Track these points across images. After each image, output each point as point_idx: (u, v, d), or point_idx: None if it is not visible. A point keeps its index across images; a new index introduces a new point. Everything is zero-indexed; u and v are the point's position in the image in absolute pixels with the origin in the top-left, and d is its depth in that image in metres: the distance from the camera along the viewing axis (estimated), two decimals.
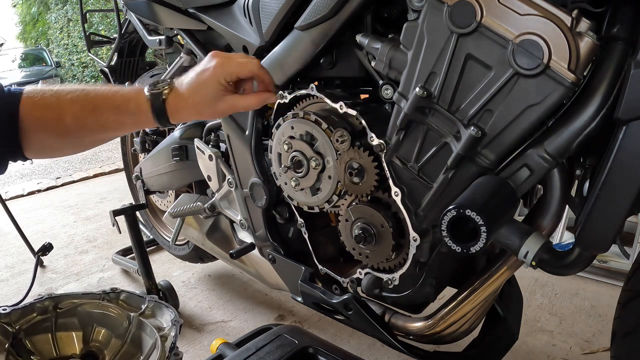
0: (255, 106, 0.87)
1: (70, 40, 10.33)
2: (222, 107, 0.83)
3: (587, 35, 0.64)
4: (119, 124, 0.82)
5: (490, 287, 0.90)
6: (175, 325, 0.85)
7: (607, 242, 0.68)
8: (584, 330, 1.53)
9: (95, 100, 0.80)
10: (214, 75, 0.81)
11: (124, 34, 1.75)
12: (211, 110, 0.83)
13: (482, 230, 0.67)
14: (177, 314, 0.87)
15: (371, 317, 0.97)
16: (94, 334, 0.91)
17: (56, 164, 4.53)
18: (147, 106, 0.81)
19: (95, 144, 0.88)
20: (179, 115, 0.83)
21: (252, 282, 1.87)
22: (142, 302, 0.92)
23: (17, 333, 0.85)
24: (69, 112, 0.78)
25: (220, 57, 0.83)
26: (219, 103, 0.82)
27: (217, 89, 0.81)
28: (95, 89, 0.82)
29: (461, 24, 0.70)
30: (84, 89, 0.81)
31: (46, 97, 0.78)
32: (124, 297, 0.94)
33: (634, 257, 1.68)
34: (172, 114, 0.82)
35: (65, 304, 0.91)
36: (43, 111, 0.78)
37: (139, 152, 1.79)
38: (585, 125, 0.68)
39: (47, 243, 1.96)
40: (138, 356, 0.86)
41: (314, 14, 0.90)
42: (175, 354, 0.80)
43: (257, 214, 1.17)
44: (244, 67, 0.83)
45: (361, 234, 0.92)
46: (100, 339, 0.91)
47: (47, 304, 0.90)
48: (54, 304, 0.91)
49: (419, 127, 0.81)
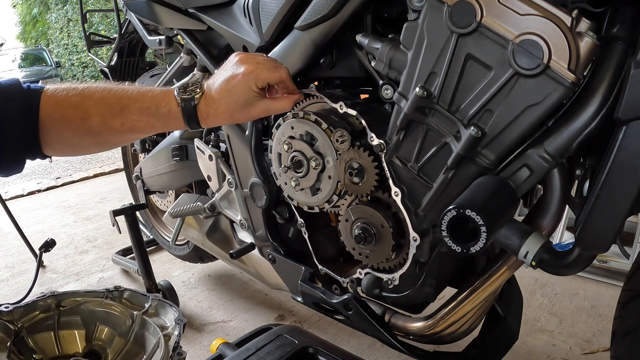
0: (288, 108, 0.88)
1: (70, 40, 10.33)
2: (256, 111, 0.84)
3: (587, 35, 0.64)
4: (148, 126, 0.81)
5: (490, 287, 0.90)
6: (178, 324, 0.85)
7: (607, 242, 0.68)
8: (584, 330, 1.53)
9: (123, 100, 0.79)
10: (245, 81, 0.81)
11: (124, 34, 1.75)
12: (245, 116, 0.84)
13: (482, 230, 0.67)
14: (180, 313, 0.87)
15: (371, 317, 0.97)
16: (96, 333, 0.91)
17: (56, 164, 4.53)
18: (178, 110, 0.81)
19: (122, 144, 0.88)
20: (210, 120, 0.83)
21: (252, 282, 1.87)
22: (146, 301, 0.92)
23: (19, 331, 0.85)
24: (95, 113, 0.77)
25: (248, 62, 0.82)
26: (252, 108, 0.83)
27: (249, 94, 0.81)
28: (123, 88, 0.81)
29: (461, 24, 0.70)
30: (112, 88, 0.80)
31: (70, 96, 0.77)
32: (127, 295, 0.94)
33: (634, 257, 1.68)
34: (203, 119, 0.82)
35: (68, 302, 0.91)
36: (67, 110, 0.77)
37: (139, 152, 1.79)
38: (585, 125, 0.68)
39: (50, 239, 1.95)
40: (141, 355, 0.86)
41: (314, 14, 0.90)
42: (179, 353, 0.80)
43: (257, 214, 1.17)
44: (274, 73, 0.83)
45: (361, 234, 0.92)
46: (103, 337, 0.91)
47: (50, 302, 0.90)
48: (57, 301, 0.90)
49: (419, 127, 0.81)
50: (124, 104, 0.79)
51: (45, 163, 4.59)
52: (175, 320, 0.86)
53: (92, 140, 0.81)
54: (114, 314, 0.91)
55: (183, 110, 0.81)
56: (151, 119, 0.81)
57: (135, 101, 0.80)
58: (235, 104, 0.82)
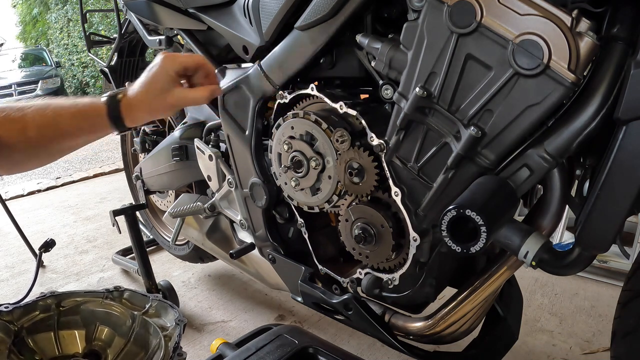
0: (204, 99, 0.89)
1: (70, 40, 10.32)
2: (172, 99, 0.85)
3: (587, 35, 0.64)
4: (77, 129, 0.84)
5: (490, 287, 0.90)
6: (179, 325, 0.85)
7: (607, 242, 0.68)
8: (584, 330, 1.53)
9: (56, 109, 0.82)
10: (162, 67, 0.84)
11: (124, 34, 1.75)
12: (162, 104, 0.86)
13: (482, 230, 0.67)
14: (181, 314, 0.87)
15: (371, 317, 0.97)
16: (96, 333, 0.91)
17: (56, 164, 4.53)
18: (104, 109, 0.83)
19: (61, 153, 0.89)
20: (133, 114, 0.85)
21: (252, 282, 1.87)
22: (146, 301, 0.92)
23: (19, 331, 0.85)
24: (32, 125, 0.80)
25: (167, 53, 0.87)
26: (169, 95, 0.85)
27: (167, 81, 0.85)
28: (57, 99, 0.85)
29: (461, 24, 0.70)
30: (47, 101, 0.84)
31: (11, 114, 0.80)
32: (128, 295, 0.93)
33: (634, 257, 1.68)
34: (126, 114, 0.85)
35: (68, 302, 0.91)
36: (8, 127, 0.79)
37: (139, 152, 1.79)
38: (585, 125, 0.68)
39: (50, 239, 1.95)
40: (141, 356, 0.86)
41: (314, 14, 0.90)
42: (179, 354, 0.80)
43: (257, 214, 1.17)
44: (189, 57, 0.87)
45: (361, 234, 0.92)
46: (103, 337, 0.91)
47: (50, 302, 0.90)
48: (57, 302, 0.90)
49: (419, 127, 0.81)
50: (57, 111, 0.82)
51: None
52: (175, 320, 0.86)
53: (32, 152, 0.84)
54: (114, 314, 0.91)
55: (108, 108, 0.84)
56: (80, 121, 0.84)
57: (66, 108, 0.83)
58: (154, 92, 0.84)
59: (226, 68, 1.18)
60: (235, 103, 1.12)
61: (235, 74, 1.12)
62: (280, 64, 1.00)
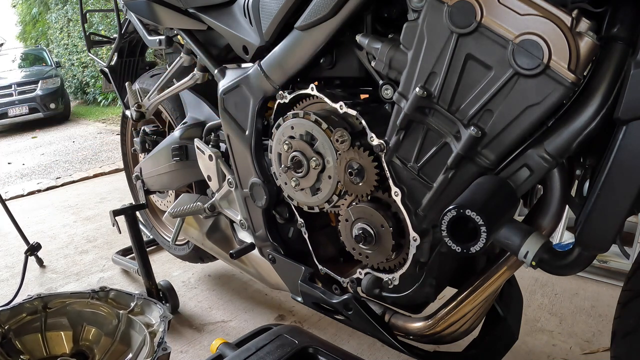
0: None
1: (70, 40, 10.31)
2: None
3: (587, 35, 0.64)
4: None
5: (490, 287, 0.90)
6: (163, 321, 0.85)
7: (607, 242, 0.68)
8: (584, 330, 1.53)
9: None
10: None
11: (124, 34, 1.75)
12: None
13: (482, 230, 0.67)
14: (165, 310, 0.87)
15: (371, 317, 0.97)
16: (83, 333, 0.91)
17: (56, 164, 4.53)
18: None
19: None
20: None
21: (252, 282, 1.87)
22: (131, 300, 0.92)
23: (6, 333, 0.86)
24: None
25: None
26: None
27: None
28: None
29: (461, 24, 0.70)
30: None
31: None
32: (113, 295, 0.94)
33: (634, 257, 1.68)
34: None
35: (54, 304, 0.92)
36: None
37: (139, 152, 1.79)
38: (585, 125, 0.68)
39: (35, 243, 1.96)
40: (128, 353, 0.86)
41: (314, 14, 0.90)
42: (164, 348, 0.81)
43: (257, 214, 1.17)
44: None
45: (361, 234, 0.92)
46: (90, 337, 0.91)
47: (37, 304, 0.90)
48: (44, 303, 0.91)
49: (419, 127, 0.81)
50: None
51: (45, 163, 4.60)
52: (160, 317, 0.86)
53: None
54: (101, 314, 0.92)
55: None
56: None
57: None
58: None
59: (226, 68, 1.18)
60: (235, 103, 1.12)
61: (235, 74, 1.12)
62: (280, 64, 1.00)
